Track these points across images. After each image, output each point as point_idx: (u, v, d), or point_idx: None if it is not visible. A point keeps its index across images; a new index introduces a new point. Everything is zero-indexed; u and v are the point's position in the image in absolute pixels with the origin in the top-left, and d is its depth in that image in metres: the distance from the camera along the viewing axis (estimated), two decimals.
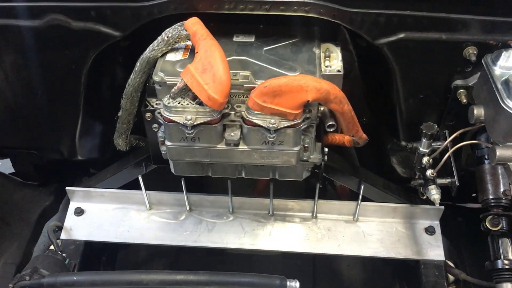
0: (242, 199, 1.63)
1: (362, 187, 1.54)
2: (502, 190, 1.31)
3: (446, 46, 1.26)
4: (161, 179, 1.70)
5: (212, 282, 1.27)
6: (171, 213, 1.64)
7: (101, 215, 1.63)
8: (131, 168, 1.59)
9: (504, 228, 1.31)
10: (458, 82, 1.30)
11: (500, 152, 1.07)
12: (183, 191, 1.58)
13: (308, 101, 1.14)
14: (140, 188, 1.60)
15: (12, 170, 1.79)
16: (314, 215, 1.62)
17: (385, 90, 1.44)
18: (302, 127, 1.22)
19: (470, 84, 1.28)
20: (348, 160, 1.64)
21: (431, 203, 1.56)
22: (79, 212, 1.63)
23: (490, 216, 1.31)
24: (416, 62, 1.29)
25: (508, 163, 1.07)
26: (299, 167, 1.38)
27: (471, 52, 1.24)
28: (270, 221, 1.63)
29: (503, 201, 1.30)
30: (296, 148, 1.25)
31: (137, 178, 1.59)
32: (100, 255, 1.77)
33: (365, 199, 1.58)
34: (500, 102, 1.06)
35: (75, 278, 1.26)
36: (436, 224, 1.61)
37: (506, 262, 1.27)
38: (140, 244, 1.59)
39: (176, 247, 1.97)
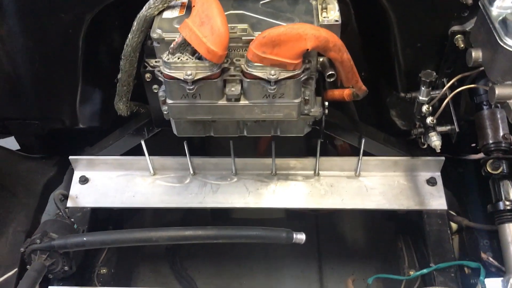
0: (245, 160, 1.64)
1: (363, 141, 1.55)
2: (501, 134, 1.32)
3: None
4: (163, 145, 1.71)
5: (221, 237, 1.29)
6: (176, 177, 1.66)
7: (106, 182, 1.65)
8: (133, 134, 1.60)
9: (505, 171, 1.33)
10: (455, 28, 1.30)
11: (499, 90, 1.09)
12: (186, 155, 1.59)
13: (308, 49, 1.14)
14: (143, 154, 1.61)
15: (15, 148, 1.80)
16: (317, 172, 1.64)
17: (382, 41, 1.44)
18: (302, 78, 1.23)
19: (467, 29, 1.29)
20: (348, 115, 1.65)
21: (432, 154, 1.59)
22: (83, 180, 1.64)
23: (491, 160, 1.33)
24: (413, 10, 1.30)
25: (508, 101, 1.08)
26: (300, 122, 1.39)
27: None
28: (273, 180, 1.64)
29: (503, 144, 1.32)
30: (297, 100, 1.26)
31: (139, 145, 1.60)
32: (106, 224, 1.79)
33: (366, 153, 1.60)
34: (499, 40, 1.07)
35: (85, 238, 1.28)
36: (437, 175, 1.63)
37: (507, 203, 1.29)
38: (147, 208, 1.62)
39: (182, 213, 2.02)
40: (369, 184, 1.62)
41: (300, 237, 1.33)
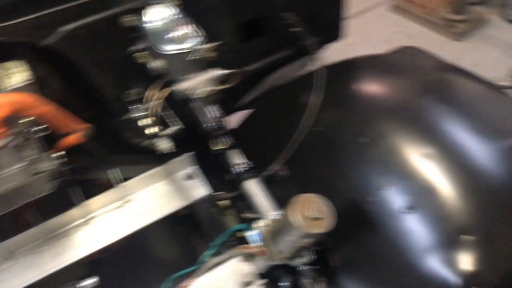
0: (11, 240, 1.59)
1: (114, 170, 1.65)
2: (209, 116, 1.56)
3: (111, 23, 1.41)
4: None
5: None
6: None
7: None
8: None
9: (226, 144, 1.58)
10: (133, 48, 1.49)
11: (177, 86, 1.31)
12: None
13: (4, 117, 1.19)
14: None
15: None
16: (87, 217, 1.68)
17: (84, 81, 1.55)
18: (15, 144, 1.27)
19: (142, 47, 1.49)
20: (92, 154, 1.73)
21: (183, 154, 1.77)
22: None
23: (211, 140, 1.57)
24: (91, 45, 1.43)
25: (191, 91, 1.30)
26: (39, 181, 1.43)
27: (131, 19, 1.42)
28: (49, 244, 1.62)
29: (214, 124, 1.57)
30: (19, 165, 1.30)
31: None
32: None
33: (125, 179, 1.71)
34: (156, 50, 1.28)
35: None
36: (194, 168, 1.82)
37: (236, 167, 1.55)
38: None
39: None
40: (140, 203, 1.73)
41: (86, 283, 1.38)
